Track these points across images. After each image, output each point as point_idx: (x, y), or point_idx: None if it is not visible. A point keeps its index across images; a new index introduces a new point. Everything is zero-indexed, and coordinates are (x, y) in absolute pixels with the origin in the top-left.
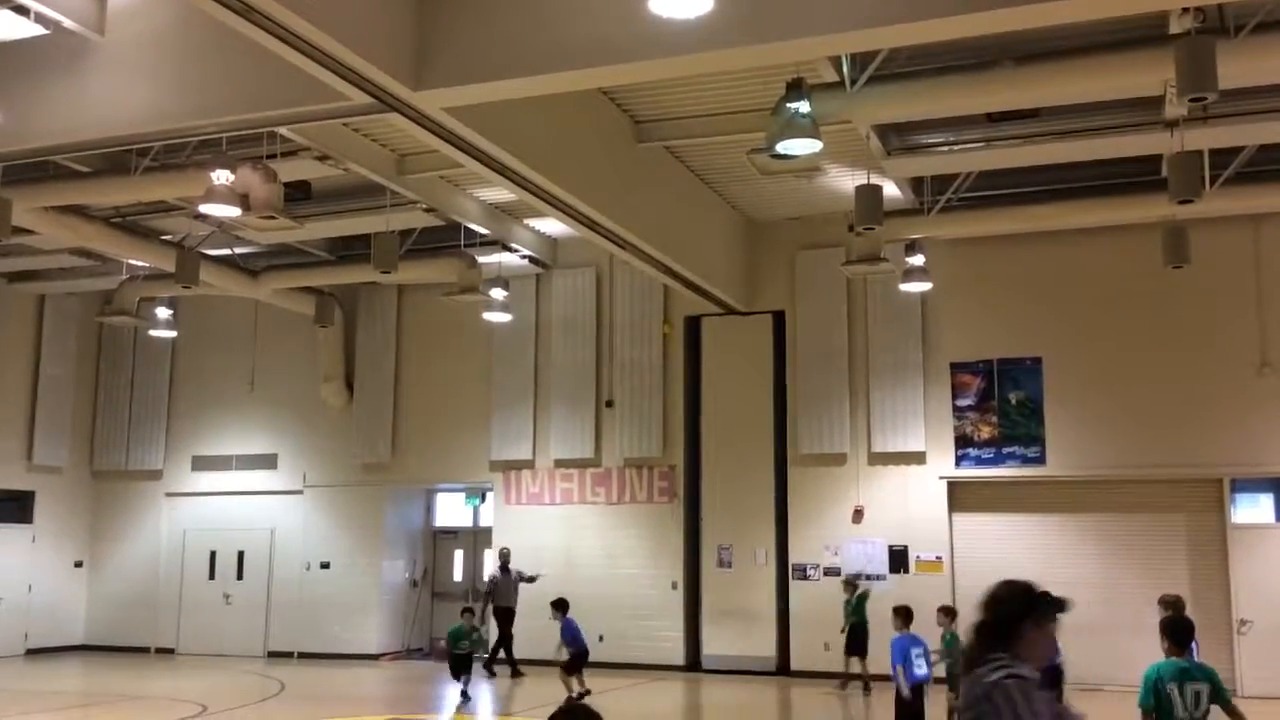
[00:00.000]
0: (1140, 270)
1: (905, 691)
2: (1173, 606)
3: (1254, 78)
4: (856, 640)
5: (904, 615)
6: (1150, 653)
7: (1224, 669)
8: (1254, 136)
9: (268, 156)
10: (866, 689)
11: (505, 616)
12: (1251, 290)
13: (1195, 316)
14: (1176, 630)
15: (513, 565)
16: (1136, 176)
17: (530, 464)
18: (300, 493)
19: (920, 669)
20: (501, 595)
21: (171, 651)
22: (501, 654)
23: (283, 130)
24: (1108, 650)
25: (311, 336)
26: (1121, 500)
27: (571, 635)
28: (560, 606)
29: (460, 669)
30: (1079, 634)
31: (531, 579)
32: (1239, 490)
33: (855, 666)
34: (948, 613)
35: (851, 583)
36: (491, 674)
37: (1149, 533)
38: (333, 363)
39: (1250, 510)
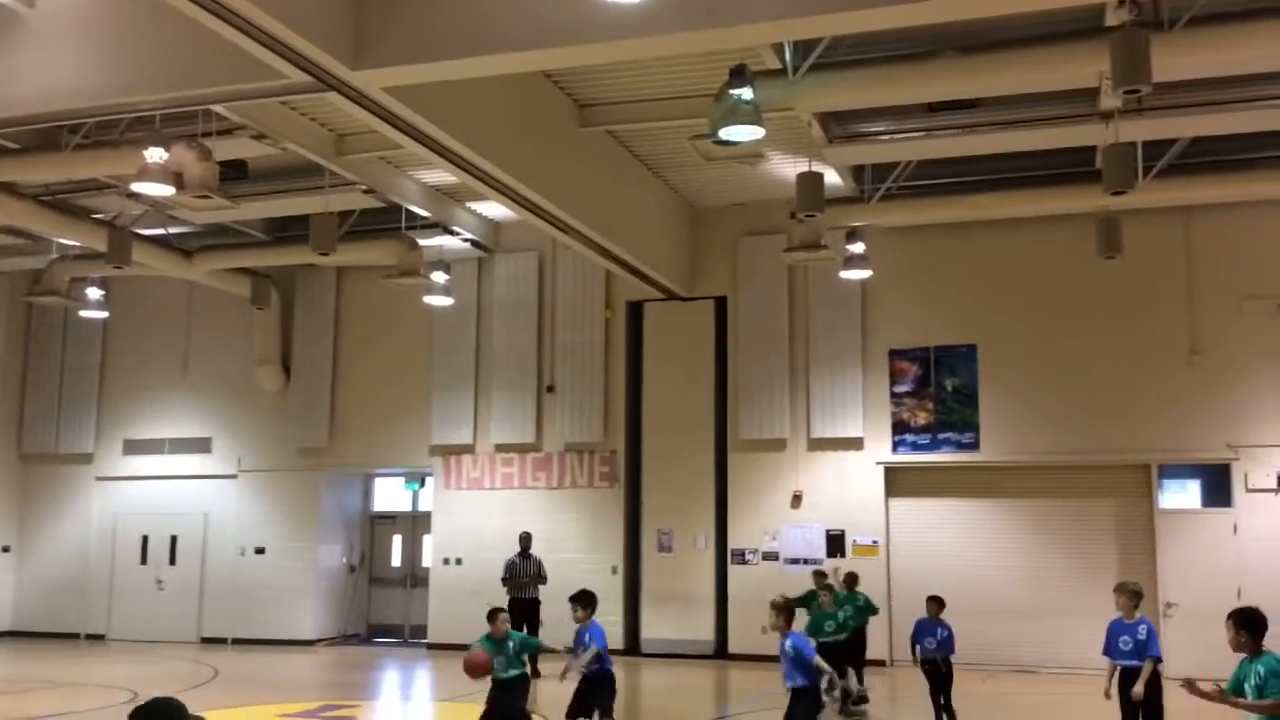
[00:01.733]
0: (1074, 260)
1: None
2: (1136, 595)
3: (1187, 71)
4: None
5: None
6: (1083, 635)
7: None
8: (1187, 129)
9: (203, 134)
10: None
11: (525, 610)
12: (1182, 280)
13: (1127, 306)
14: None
15: (535, 552)
16: (1072, 167)
17: (470, 448)
18: (235, 477)
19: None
20: (519, 584)
21: (102, 637)
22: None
23: (218, 108)
24: (1040, 633)
25: (247, 318)
26: (1053, 486)
27: (601, 648)
28: (586, 602)
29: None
30: (1012, 617)
31: (544, 579)
32: (1166, 476)
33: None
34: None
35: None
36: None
37: (1079, 518)
38: (269, 345)
39: (1177, 496)
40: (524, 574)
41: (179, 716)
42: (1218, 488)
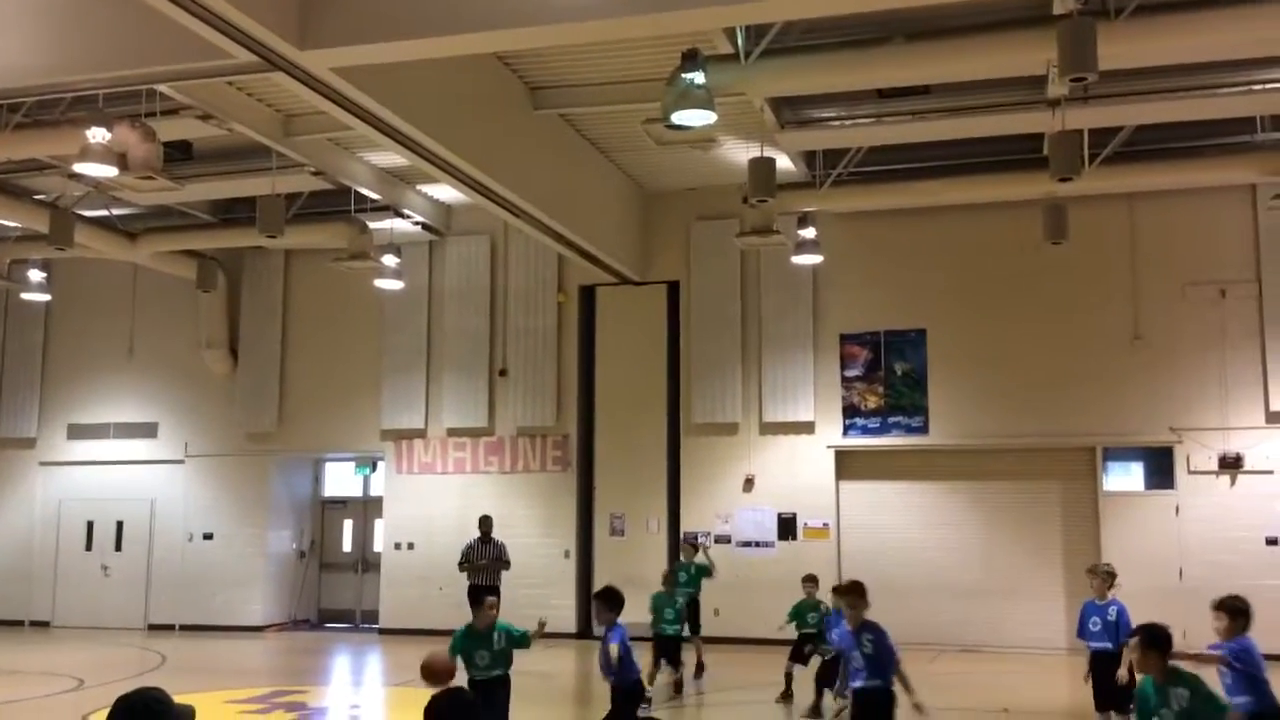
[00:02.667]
0: (1021, 246)
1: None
2: (1109, 576)
3: (1133, 59)
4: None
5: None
6: (1028, 615)
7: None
8: (1132, 117)
9: (146, 115)
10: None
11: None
12: (1126, 266)
13: (1072, 291)
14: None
15: (497, 535)
16: (1020, 154)
17: (422, 433)
18: (182, 462)
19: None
20: (477, 570)
21: (47, 624)
22: None
23: (162, 88)
24: (986, 613)
25: (193, 301)
26: (1000, 468)
27: (625, 653)
28: (608, 602)
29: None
30: (958, 597)
31: (507, 564)
32: (1111, 459)
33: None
34: (813, 581)
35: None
36: None
37: (1025, 500)
38: (216, 329)
39: (1121, 478)
40: (482, 558)
41: (164, 706)
42: (1160, 470)
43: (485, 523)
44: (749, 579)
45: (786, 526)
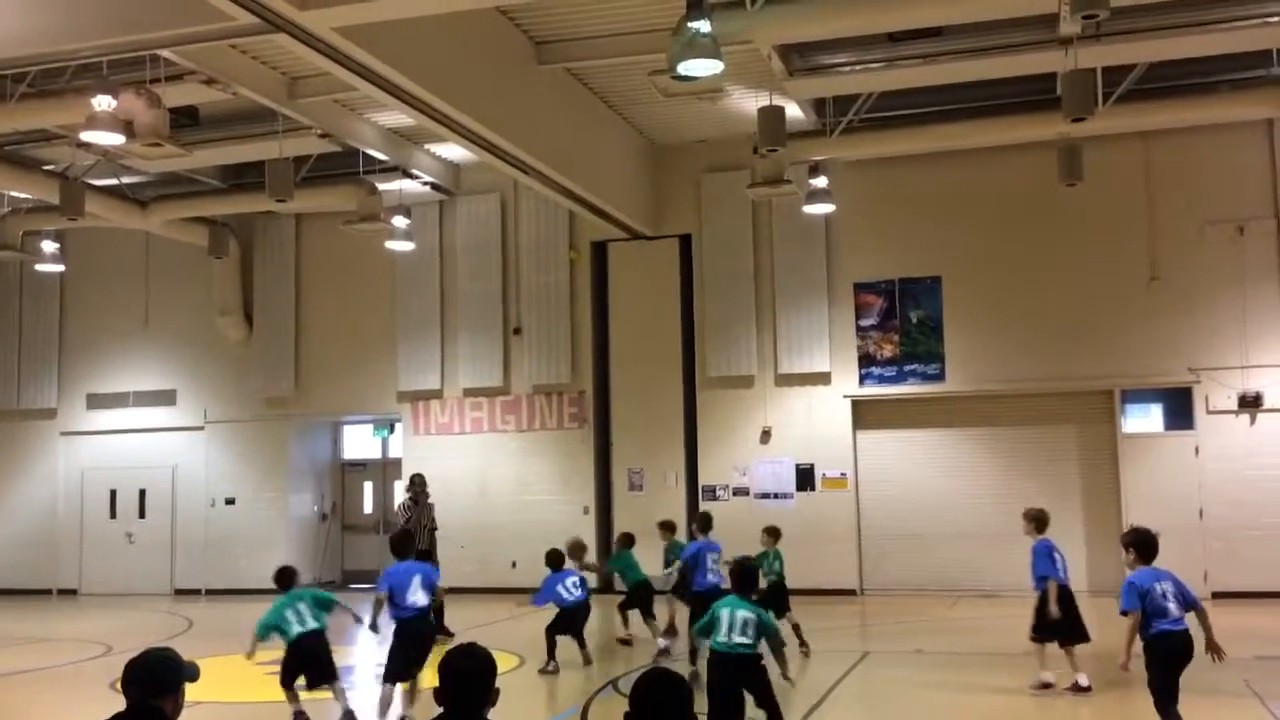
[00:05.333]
0: (1035, 188)
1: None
2: (1037, 520)
3: None
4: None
5: (705, 522)
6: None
7: (1114, 572)
8: (1145, 54)
9: (151, 81)
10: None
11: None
12: (1142, 206)
13: (1088, 232)
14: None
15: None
16: (1033, 96)
17: (439, 393)
18: (201, 429)
19: (712, 576)
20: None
21: (74, 592)
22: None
23: (166, 53)
24: (1005, 558)
25: (206, 268)
26: (1017, 413)
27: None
28: (703, 523)
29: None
30: (977, 543)
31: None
32: (1129, 401)
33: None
34: (772, 533)
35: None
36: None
37: (1044, 444)
38: (230, 295)
39: (1140, 420)
40: (422, 522)
41: (174, 666)
42: (1179, 411)
43: (418, 482)
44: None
45: (805, 477)
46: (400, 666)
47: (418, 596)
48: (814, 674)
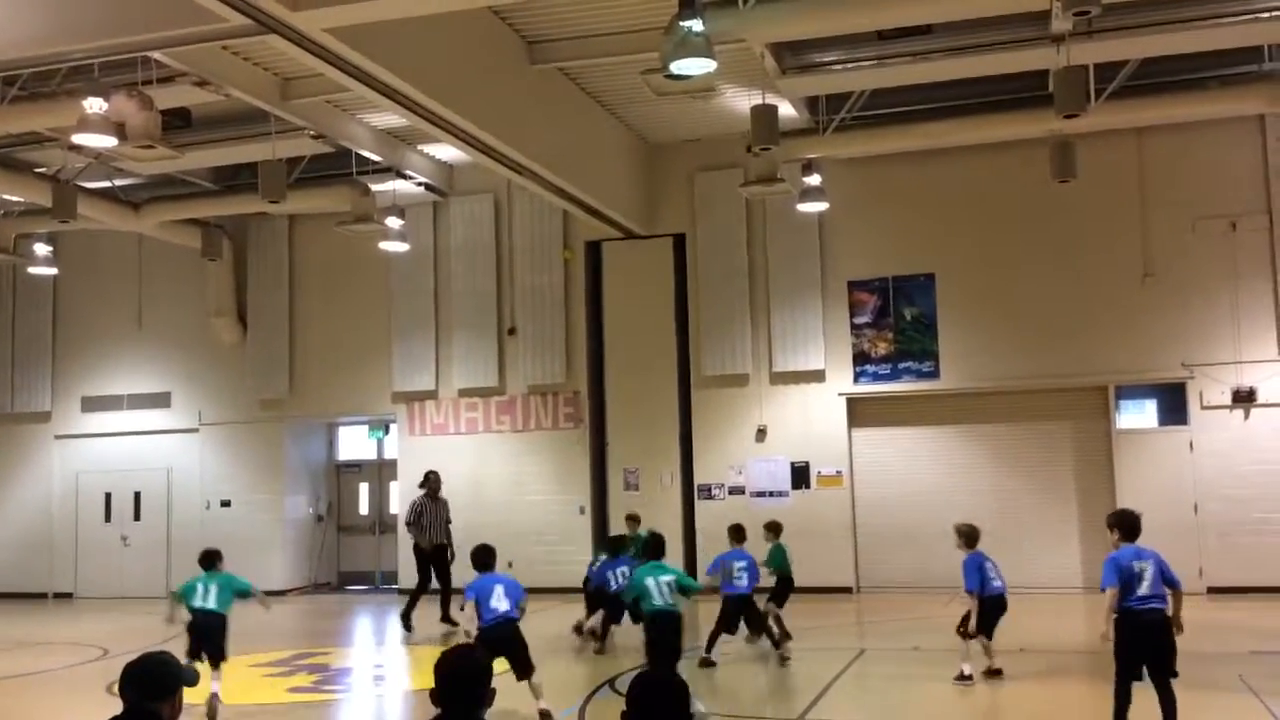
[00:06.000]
0: (1029, 185)
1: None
2: (966, 535)
3: None
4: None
5: (736, 533)
6: (1042, 555)
7: None
8: (1137, 50)
9: (143, 83)
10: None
11: (438, 559)
12: (1135, 202)
13: (1082, 229)
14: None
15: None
16: (1025, 92)
17: (433, 394)
18: (196, 431)
19: (740, 581)
20: (429, 529)
21: (70, 596)
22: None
23: (157, 55)
24: (1000, 554)
25: (200, 270)
26: (1012, 410)
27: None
28: (738, 534)
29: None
30: None
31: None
32: (1123, 397)
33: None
34: (773, 529)
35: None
36: (409, 628)
37: (1038, 441)
38: (223, 297)
39: (1134, 416)
40: (434, 519)
41: (172, 670)
42: (1173, 406)
43: (434, 479)
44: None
45: (800, 475)
46: None
47: (501, 604)
48: (811, 670)
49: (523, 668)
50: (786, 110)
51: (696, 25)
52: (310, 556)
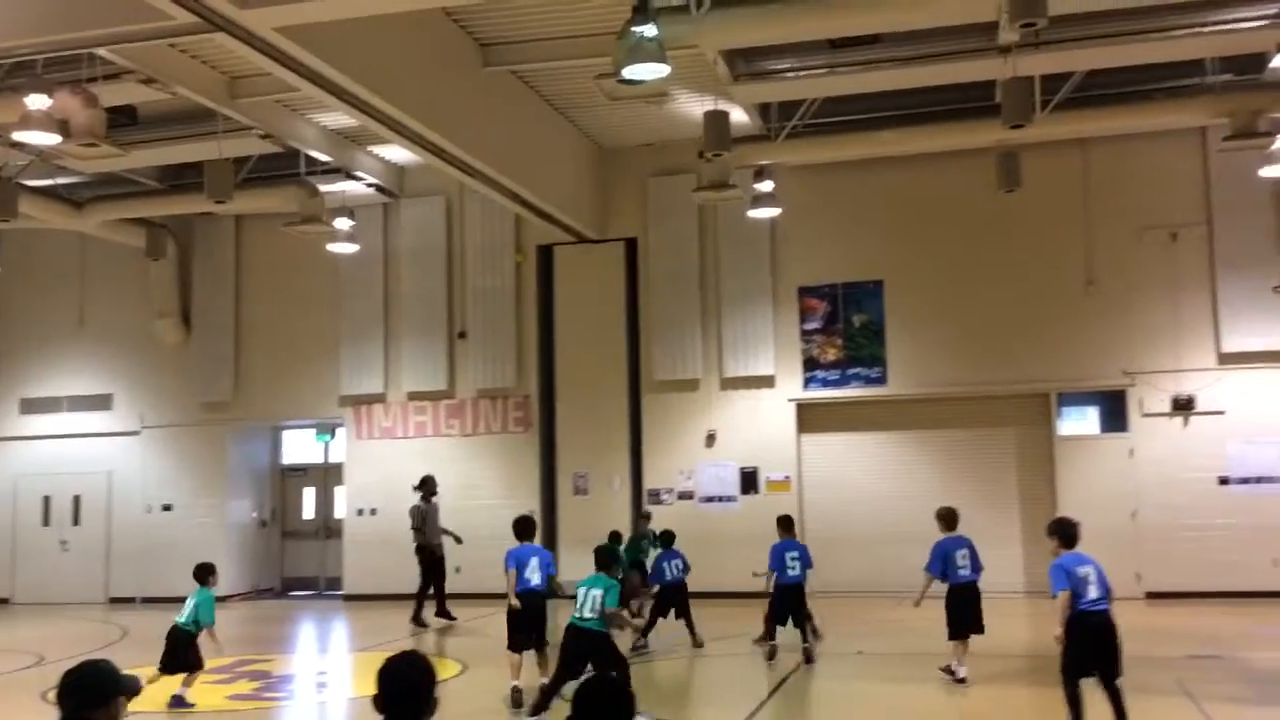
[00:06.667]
0: (975, 194)
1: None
2: (945, 519)
3: (1083, 4)
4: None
5: (785, 524)
6: (985, 559)
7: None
8: (1083, 62)
9: (88, 80)
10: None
11: (440, 559)
12: (1079, 212)
13: (1026, 238)
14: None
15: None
16: (973, 102)
17: (382, 397)
18: (138, 433)
19: (794, 571)
20: (431, 531)
21: (6, 601)
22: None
23: (103, 51)
24: None
25: (143, 270)
26: (957, 416)
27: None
28: (786, 524)
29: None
30: (919, 544)
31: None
32: (1065, 404)
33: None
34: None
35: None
36: (422, 624)
37: (982, 447)
38: (167, 298)
39: (1076, 423)
40: (433, 522)
41: (111, 678)
42: (1114, 413)
43: (431, 483)
44: (713, 533)
45: (749, 481)
46: (518, 638)
47: (534, 576)
48: (755, 677)
49: (541, 640)
50: (739, 116)
51: (650, 31)
52: (253, 562)
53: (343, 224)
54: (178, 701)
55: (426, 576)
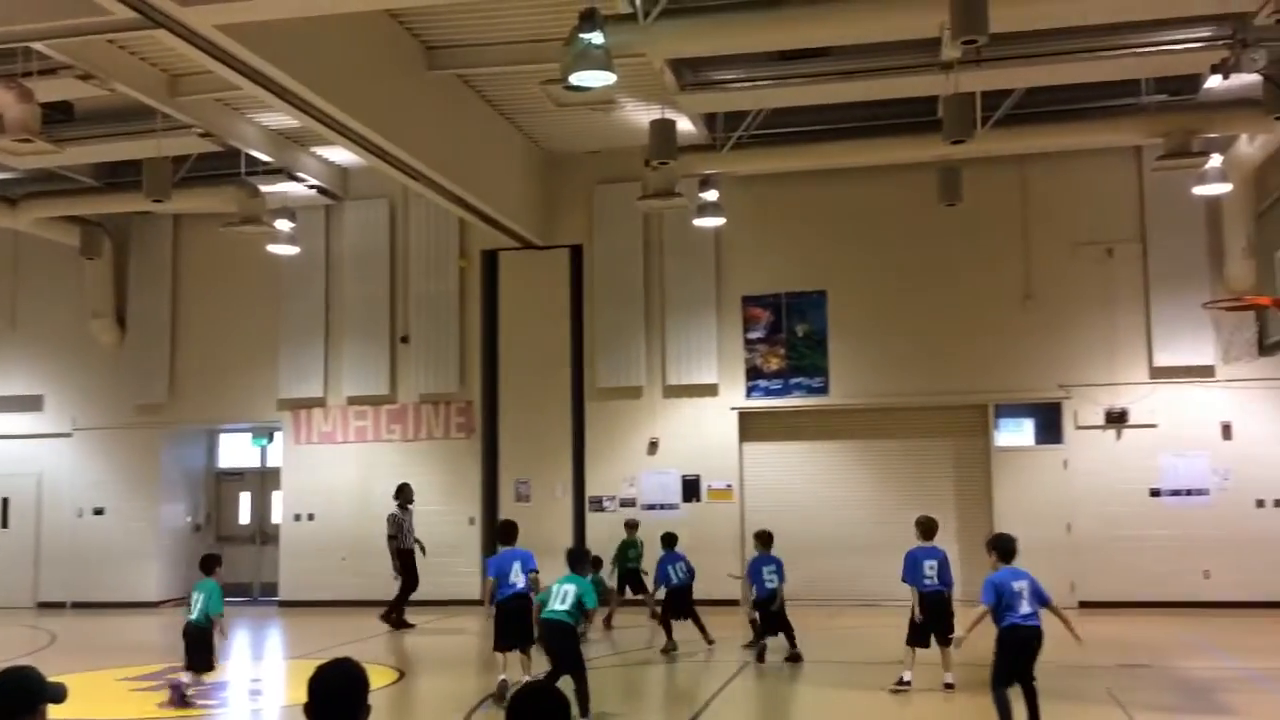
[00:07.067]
0: (917, 208)
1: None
2: (921, 528)
3: (1023, 23)
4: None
5: (764, 539)
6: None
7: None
8: (1022, 79)
9: (23, 74)
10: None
11: (411, 560)
12: (1017, 227)
13: (966, 252)
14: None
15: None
16: (916, 117)
17: (321, 402)
18: (69, 435)
19: (771, 584)
20: (408, 535)
21: None
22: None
23: (39, 46)
24: (883, 568)
25: (78, 269)
26: (897, 427)
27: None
28: (765, 540)
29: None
30: (858, 553)
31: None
32: (1002, 415)
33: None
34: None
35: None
36: (409, 625)
37: (921, 457)
38: (102, 297)
39: (1012, 434)
40: (410, 528)
41: (34, 685)
42: (1049, 425)
43: (408, 491)
44: (655, 541)
45: (691, 488)
46: (502, 639)
47: (518, 579)
48: (693, 685)
49: (527, 639)
50: (685, 126)
51: (597, 38)
52: (187, 567)
53: (283, 225)
54: (179, 698)
55: (408, 579)
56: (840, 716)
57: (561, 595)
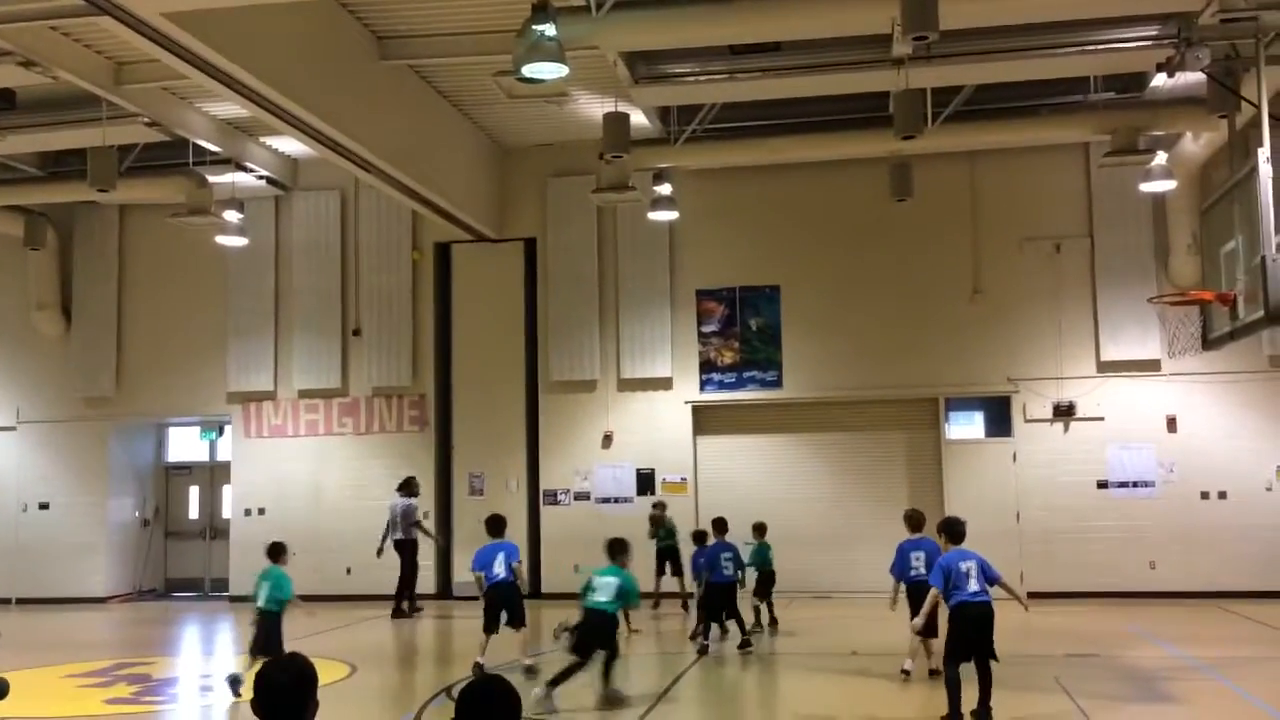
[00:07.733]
0: (868, 202)
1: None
2: (910, 521)
3: (973, 20)
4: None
5: (719, 526)
6: (875, 560)
7: None
8: (972, 76)
9: None
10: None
11: (414, 550)
12: (967, 222)
13: (917, 246)
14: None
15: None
16: (867, 113)
17: (272, 395)
18: (14, 429)
19: (727, 571)
20: (414, 526)
21: None
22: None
23: None
24: (836, 560)
25: (21, 260)
26: (849, 420)
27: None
28: (720, 527)
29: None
30: (811, 545)
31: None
32: (953, 409)
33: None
34: (759, 529)
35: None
36: (417, 609)
37: (873, 450)
38: (46, 289)
39: (963, 427)
40: (411, 518)
41: None
42: (999, 418)
43: (414, 483)
44: (610, 534)
45: (645, 482)
46: (490, 622)
47: (501, 569)
48: (649, 678)
49: (518, 620)
50: (639, 119)
51: (549, 30)
52: (135, 562)
53: (232, 216)
54: (233, 682)
55: (409, 570)
56: (804, 704)
57: (605, 588)
